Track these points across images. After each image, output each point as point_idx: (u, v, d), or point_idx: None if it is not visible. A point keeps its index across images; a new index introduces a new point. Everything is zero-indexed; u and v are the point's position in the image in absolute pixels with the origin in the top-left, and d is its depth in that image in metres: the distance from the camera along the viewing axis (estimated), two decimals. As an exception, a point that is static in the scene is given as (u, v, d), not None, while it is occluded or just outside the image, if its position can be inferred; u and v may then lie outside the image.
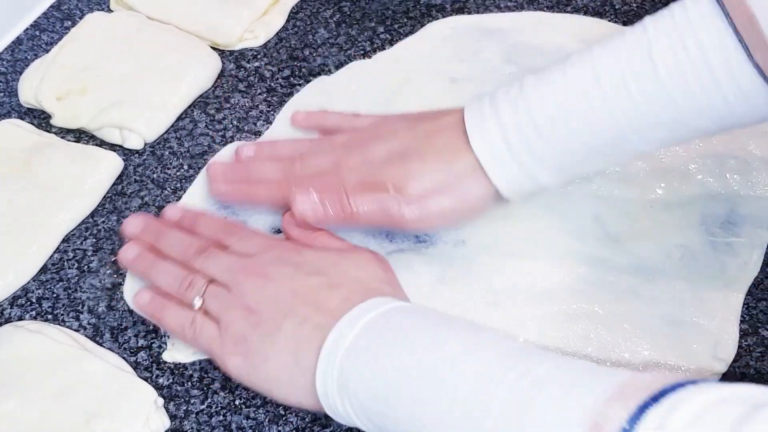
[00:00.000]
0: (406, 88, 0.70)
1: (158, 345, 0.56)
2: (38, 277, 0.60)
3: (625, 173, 0.63)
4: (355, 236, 0.60)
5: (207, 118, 0.69)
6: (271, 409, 0.53)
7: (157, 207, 0.63)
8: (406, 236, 0.60)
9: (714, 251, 0.59)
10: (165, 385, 0.54)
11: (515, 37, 0.73)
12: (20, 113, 0.70)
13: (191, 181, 0.65)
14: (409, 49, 0.74)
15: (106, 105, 0.66)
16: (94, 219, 0.63)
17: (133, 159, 0.67)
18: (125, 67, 0.69)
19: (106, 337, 0.56)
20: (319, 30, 0.76)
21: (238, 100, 0.70)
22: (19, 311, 0.58)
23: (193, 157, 0.66)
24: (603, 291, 0.57)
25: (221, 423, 0.52)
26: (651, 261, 0.58)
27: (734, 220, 0.60)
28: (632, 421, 0.31)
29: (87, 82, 0.68)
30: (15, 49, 0.75)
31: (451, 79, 0.70)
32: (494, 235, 0.60)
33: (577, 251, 0.59)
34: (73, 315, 0.58)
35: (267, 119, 0.69)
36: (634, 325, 0.55)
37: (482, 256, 0.59)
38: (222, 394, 0.53)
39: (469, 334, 0.43)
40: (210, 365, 0.55)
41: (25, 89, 0.69)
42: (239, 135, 0.68)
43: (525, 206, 0.61)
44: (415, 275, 0.58)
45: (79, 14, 0.78)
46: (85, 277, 0.60)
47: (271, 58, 0.74)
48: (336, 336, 0.44)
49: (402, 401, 0.41)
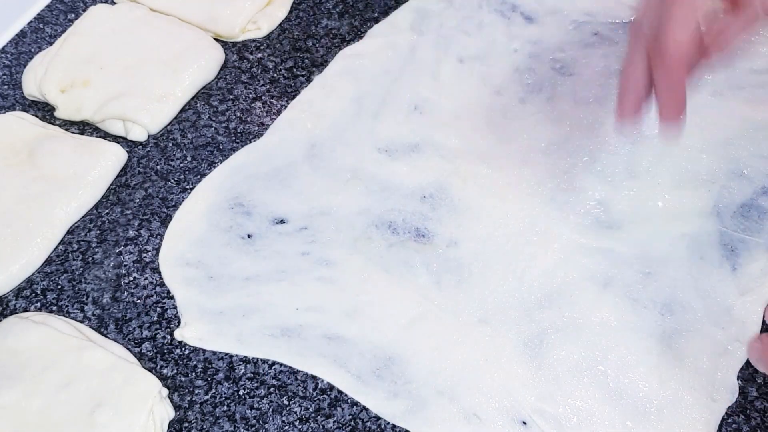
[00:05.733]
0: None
1: (162, 336, 0.56)
2: (43, 269, 0.60)
3: (632, 161, 0.63)
4: (358, 228, 0.60)
5: (210, 109, 0.69)
6: (274, 399, 0.53)
7: (161, 199, 0.63)
8: (408, 229, 0.60)
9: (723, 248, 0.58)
10: (169, 375, 0.54)
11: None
12: (24, 106, 0.70)
13: (195, 173, 0.65)
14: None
15: (109, 97, 0.66)
16: (98, 211, 0.63)
17: (137, 151, 0.67)
18: (128, 59, 0.69)
19: (110, 328, 0.57)
20: (322, 21, 0.76)
21: (241, 91, 0.70)
22: (24, 303, 0.58)
23: (196, 149, 0.66)
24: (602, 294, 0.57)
25: (225, 413, 0.52)
26: (655, 252, 0.58)
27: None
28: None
29: (90, 75, 0.68)
30: (19, 41, 0.75)
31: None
32: (489, 233, 0.60)
33: (577, 244, 0.59)
34: (77, 306, 0.58)
35: (270, 110, 0.69)
36: (635, 333, 0.55)
37: (478, 258, 0.59)
38: (226, 384, 0.54)
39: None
40: (214, 356, 0.55)
41: (28, 82, 0.69)
42: (242, 126, 0.68)
43: (525, 199, 0.61)
44: (414, 275, 0.58)
45: (82, 6, 0.78)
46: (90, 268, 0.60)
47: (274, 49, 0.74)
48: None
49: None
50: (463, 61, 0.71)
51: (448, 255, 0.59)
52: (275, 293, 0.57)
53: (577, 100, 0.67)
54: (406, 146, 0.65)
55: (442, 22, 0.74)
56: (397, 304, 0.56)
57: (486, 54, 0.71)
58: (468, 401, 0.52)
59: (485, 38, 0.72)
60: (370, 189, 0.63)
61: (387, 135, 0.66)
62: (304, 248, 0.60)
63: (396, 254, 0.59)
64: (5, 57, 0.74)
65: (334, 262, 0.59)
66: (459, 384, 0.53)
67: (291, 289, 0.58)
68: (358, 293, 0.57)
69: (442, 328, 0.55)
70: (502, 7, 0.75)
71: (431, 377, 0.53)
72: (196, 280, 0.58)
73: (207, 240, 0.60)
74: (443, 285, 0.57)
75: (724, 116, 0.65)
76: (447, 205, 0.61)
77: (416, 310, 0.56)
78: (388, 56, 0.72)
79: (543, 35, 0.72)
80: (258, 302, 0.57)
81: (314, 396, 0.53)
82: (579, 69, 0.70)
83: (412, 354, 0.54)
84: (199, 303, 0.57)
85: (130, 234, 0.61)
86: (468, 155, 0.64)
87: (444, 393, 0.52)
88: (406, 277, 0.58)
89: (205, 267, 0.59)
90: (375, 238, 0.60)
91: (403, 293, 0.57)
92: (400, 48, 0.72)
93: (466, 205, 0.61)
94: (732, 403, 0.52)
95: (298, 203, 0.62)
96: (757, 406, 0.52)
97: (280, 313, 0.57)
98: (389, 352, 0.54)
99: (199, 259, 0.59)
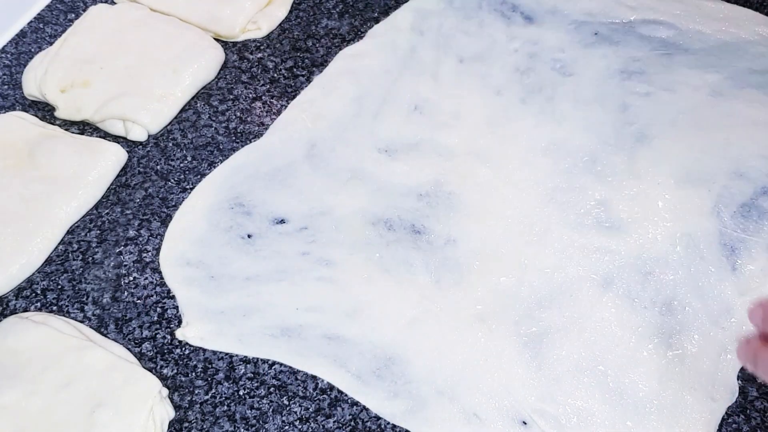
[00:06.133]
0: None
1: (162, 336, 0.56)
2: (43, 269, 0.60)
3: (633, 156, 0.63)
4: (358, 228, 0.60)
5: (210, 109, 0.69)
6: (275, 399, 0.53)
7: (161, 199, 0.63)
8: (407, 229, 0.60)
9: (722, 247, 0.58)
10: (169, 375, 0.54)
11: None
12: (24, 106, 0.70)
13: (195, 173, 0.65)
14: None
15: (109, 97, 0.66)
16: (98, 211, 0.63)
17: (137, 151, 0.67)
18: (128, 59, 0.69)
19: (110, 328, 0.57)
20: (322, 21, 0.76)
21: (241, 91, 0.70)
22: (24, 303, 0.58)
23: (196, 149, 0.66)
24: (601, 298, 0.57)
25: (225, 413, 0.52)
26: (655, 252, 0.58)
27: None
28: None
29: (90, 75, 0.68)
30: (19, 41, 0.75)
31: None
32: (489, 233, 0.60)
33: (577, 244, 0.59)
34: (77, 306, 0.58)
35: (270, 110, 0.69)
36: (635, 333, 0.55)
37: (477, 257, 0.59)
38: (226, 384, 0.54)
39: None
40: (214, 356, 0.55)
41: (29, 82, 0.69)
42: (242, 126, 0.68)
43: (525, 199, 0.61)
44: (414, 274, 0.58)
45: (82, 6, 0.78)
46: (90, 268, 0.60)
47: (274, 49, 0.74)
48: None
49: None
50: (463, 61, 0.71)
51: (448, 254, 0.59)
52: (275, 293, 0.57)
53: (577, 100, 0.67)
54: (406, 146, 0.65)
55: (442, 22, 0.74)
56: (397, 304, 0.56)
57: (486, 54, 0.71)
58: (468, 401, 0.52)
59: (485, 38, 0.72)
60: (370, 189, 0.63)
61: (387, 135, 0.66)
62: (304, 248, 0.60)
63: (395, 253, 0.59)
64: (5, 57, 0.74)
65: (334, 262, 0.59)
66: (459, 384, 0.53)
67: (291, 289, 0.58)
68: (358, 293, 0.57)
69: (441, 328, 0.55)
70: (502, 7, 0.75)
71: (431, 377, 0.53)
72: (197, 280, 0.58)
73: (207, 240, 0.60)
74: (443, 284, 0.57)
75: (724, 116, 0.65)
76: (446, 204, 0.61)
77: (416, 310, 0.56)
78: (388, 56, 0.72)
79: (543, 35, 0.72)
80: (258, 302, 0.57)
81: (314, 396, 0.53)
82: (579, 69, 0.70)
83: (412, 354, 0.54)
84: (200, 303, 0.57)
85: (130, 234, 0.61)
86: (468, 155, 0.64)
87: (444, 393, 0.52)
88: (406, 277, 0.58)
89: (206, 267, 0.59)
90: (375, 238, 0.60)
91: (403, 293, 0.57)
92: (400, 48, 0.72)
93: (466, 204, 0.61)
94: (732, 403, 0.52)
95: (298, 203, 0.62)
96: (757, 406, 0.52)
97: (280, 313, 0.57)
98: (389, 352, 0.54)
99: (199, 258, 0.59)
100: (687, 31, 0.72)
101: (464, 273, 0.58)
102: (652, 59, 0.70)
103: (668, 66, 0.69)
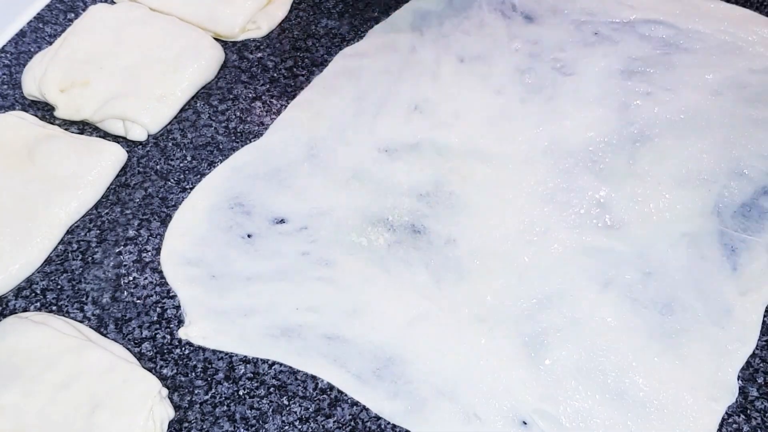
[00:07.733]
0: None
1: (162, 336, 0.56)
2: (43, 269, 0.60)
3: (634, 155, 0.63)
4: (358, 228, 0.60)
5: (210, 109, 0.69)
6: (274, 399, 0.53)
7: (161, 198, 0.63)
8: (407, 229, 0.60)
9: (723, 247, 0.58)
10: (169, 375, 0.54)
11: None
12: (24, 105, 0.70)
13: (195, 173, 0.65)
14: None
15: (109, 97, 0.66)
16: (98, 210, 0.63)
17: (137, 150, 0.67)
18: (128, 58, 0.69)
19: (110, 328, 0.57)
20: (322, 20, 0.76)
21: (241, 90, 0.70)
22: (23, 303, 0.58)
23: (196, 149, 0.66)
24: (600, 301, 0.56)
25: (225, 413, 0.52)
26: (655, 252, 0.58)
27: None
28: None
29: (90, 74, 0.68)
30: (18, 41, 0.75)
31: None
32: (489, 233, 0.60)
33: (577, 244, 0.59)
34: (77, 306, 0.58)
35: (270, 110, 0.69)
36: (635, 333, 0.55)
37: (477, 257, 0.59)
38: (226, 384, 0.54)
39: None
40: (214, 355, 0.55)
41: (28, 81, 0.69)
42: (242, 126, 0.68)
43: (525, 199, 0.61)
44: (414, 274, 0.58)
45: (82, 6, 0.78)
46: (89, 268, 0.60)
47: (273, 48, 0.74)
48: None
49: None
50: (463, 61, 0.71)
51: (447, 254, 0.59)
52: (276, 293, 0.57)
53: (577, 99, 0.67)
54: (406, 146, 0.65)
55: (442, 22, 0.74)
56: (397, 304, 0.56)
57: (486, 54, 0.71)
58: (468, 401, 0.52)
59: (485, 38, 0.72)
60: (370, 189, 0.63)
61: (387, 135, 0.66)
62: (304, 248, 0.60)
63: (395, 253, 0.59)
64: (5, 57, 0.74)
65: (334, 262, 0.59)
66: (459, 384, 0.53)
67: (291, 289, 0.58)
68: (358, 293, 0.57)
69: (442, 327, 0.55)
70: (502, 7, 0.75)
71: (431, 377, 0.53)
72: (199, 279, 0.58)
73: (207, 240, 0.60)
74: (443, 284, 0.57)
75: (724, 116, 0.65)
76: (446, 204, 0.61)
77: (416, 310, 0.56)
78: (388, 56, 0.72)
79: (543, 35, 0.72)
80: (259, 302, 0.57)
81: (314, 396, 0.53)
82: (579, 69, 0.70)
83: (412, 354, 0.54)
84: (202, 302, 0.57)
85: (129, 234, 0.61)
86: (468, 155, 0.64)
87: (444, 393, 0.52)
88: (406, 277, 0.58)
89: (207, 266, 0.59)
90: (375, 238, 0.60)
91: (402, 293, 0.57)
92: (400, 48, 0.72)
93: (466, 204, 0.61)
94: (732, 403, 0.51)
95: (298, 203, 0.62)
96: (758, 406, 0.52)
97: (281, 313, 0.56)
98: (389, 352, 0.54)
99: (200, 258, 0.59)
100: (687, 31, 0.72)
101: (464, 273, 0.58)
102: (652, 59, 0.70)
103: (668, 66, 0.69)
